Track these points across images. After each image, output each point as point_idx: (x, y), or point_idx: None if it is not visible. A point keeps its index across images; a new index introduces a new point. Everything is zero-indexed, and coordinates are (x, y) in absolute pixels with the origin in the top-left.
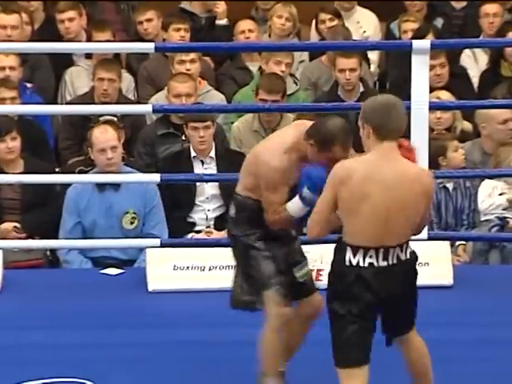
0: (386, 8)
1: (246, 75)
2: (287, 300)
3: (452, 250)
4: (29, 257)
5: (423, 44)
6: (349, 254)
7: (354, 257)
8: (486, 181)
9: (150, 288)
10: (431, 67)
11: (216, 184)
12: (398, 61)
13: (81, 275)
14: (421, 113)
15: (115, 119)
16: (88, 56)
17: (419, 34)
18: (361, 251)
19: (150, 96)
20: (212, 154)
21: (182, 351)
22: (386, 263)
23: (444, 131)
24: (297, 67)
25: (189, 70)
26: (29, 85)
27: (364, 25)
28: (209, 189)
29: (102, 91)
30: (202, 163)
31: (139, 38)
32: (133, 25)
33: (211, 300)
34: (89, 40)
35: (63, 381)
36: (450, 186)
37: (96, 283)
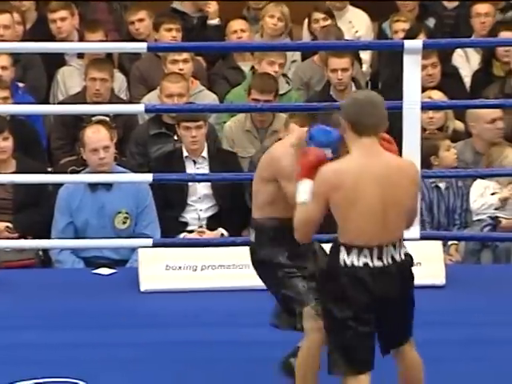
0: (378, 8)
1: (238, 75)
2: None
3: (444, 250)
4: (21, 257)
5: (415, 44)
6: (343, 254)
7: (348, 256)
8: (478, 180)
9: (143, 288)
10: (423, 67)
11: (208, 184)
12: (390, 61)
13: (73, 275)
14: (413, 112)
15: (107, 119)
16: (80, 56)
17: (411, 34)
18: (355, 250)
19: (143, 96)
20: (204, 154)
21: (175, 351)
22: (381, 263)
23: (436, 131)
24: (289, 67)
25: (182, 70)
26: (21, 84)
27: (356, 24)
28: (201, 189)
29: (95, 91)
30: (194, 163)
31: (131, 38)
32: (125, 25)
33: (203, 300)
34: (81, 40)
35: (56, 381)
36: (443, 186)
37: (88, 283)
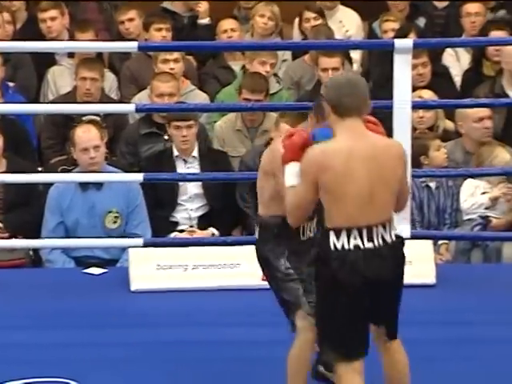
0: (369, 7)
1: (229, 74)
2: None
3: (434, 249)
4: (11, 256)
5: (405, 43)
6: (332, 238)
7: (338, 240)
8: (469, 180)
9: (133, 287)
10: (413, 66)
11: (199, 183)
12: (381, 60)
13: (63, 275)
14: (403, 112)
15: (98, 119)
16: (70, 55)
17: (401, 34)
18: (343, 232)
19: (133, 95)
20: (195, 154)
21: (166, 351)
22: (372, 245)
23: (426, 130)
24: (279, 66)
25: (172, 70)
26: (11, 84)
27: (346, 24)
28: (191, 188)
29: (85, 90)
30: (185, 162)
31: (122, 38)
32: (115, 24)
33: (194, 299)
34: (71, 39)
35: (47, 381)
36: (433, 185)
37: (79, 283)
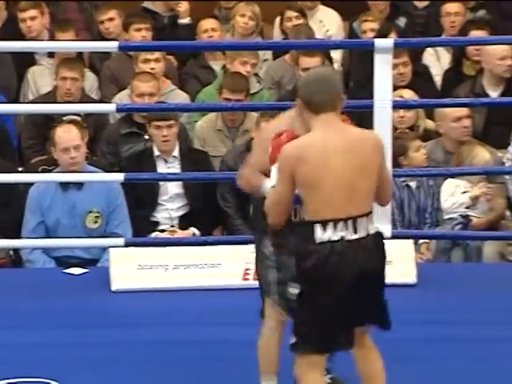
0: (349, 7)
1: (210, 74)
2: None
3: (415, 249)
4: None
5: (386, 43)
6: (318, 231)
7: (324, 232)
8: (449, 180)
9: (114, 287)
10: (394, 66)
11: (179, 183)
12: (361, 60)
13: (44, 275)
14: (384, 111)
15: (79, 119)
16: (51, 55)
17: (381, 33)
18: (330, 224)
19: (114, 95)
20: (175, 153)
21: (146, 351)
22: (357, 236)
23: (407, 130)
24: (260, 66)
25: (153, 69)
26: None
27: (327, 24)
28: (172, 188)
29: (65, 90)
30: (166, 162)
31: (102, 38)
32: (96, 24)
33: (175, 299)
34: (51, 39)
35: (28, 381)
36: (413, 185)
37: (59, 283)
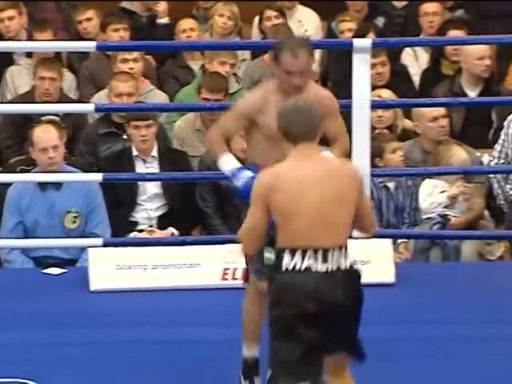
0: (328, 7)
1: (188, 74)
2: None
3: (394, 248)
4: None
5: (364, 42)
6: (286, 258)
7: (292, 259)
8: (427, 180)
9: (92, 287)
10: (372, 66)
11: (158, 183)
12: (340, 59)
13: (22, 275)
14: (362, 111)
15: (57, 119)
16: (29, 55)
17: (359, 33)
18: (298, 253)
19: (92, 95)
20: (154, 153)
21: (125, 350)
22: (326, 268)
23: (385, 130)
24: (239, 66)
25: (132, 69)
26: None
27: (305, 23)
28: (151, 188)
29: (44, 90)
30: (144, 162)
31: (81, 37)
32: (74, 24)
33: (154, 299)
34: (29, 39)
35: (5, 381)
36: (392, 186)
37: (38, 283)
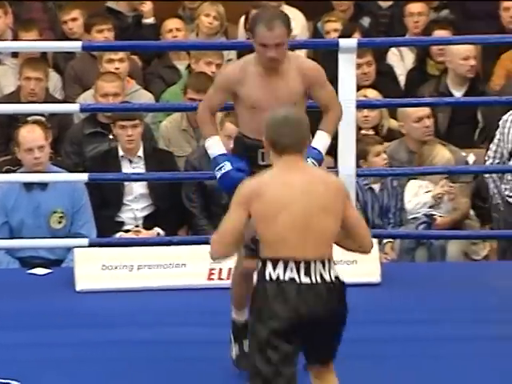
0: (313, 7)
1: (174, 74)
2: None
3: (379, 248)
4: None
5: (350, 42)
6: (269, 268)
7: (274, 270)
8: (412, 181)
9: (78, 288)
10: (358, 66)
11: (144, 183)
12: (325, 59)
13: (8, 275)
14: (348, 111)
15: (43, 119)
16: (14, 55)
17: (345, 33)
18: (280, 264)
19: (78, 95)
20: (140, 153)
21: (111, 351)
22: (309, 280)
23: (371, 130)
24: (225, 66)
25: (117, 69)
26: None
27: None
28: (137, 188)
29: (29, 90)
30: (130, 162)
31: (66, 37)
32: (60, 24)
33: (140, 299)
34: (15, 39)
35: None
36: (377, 188)
37: (23, 283)
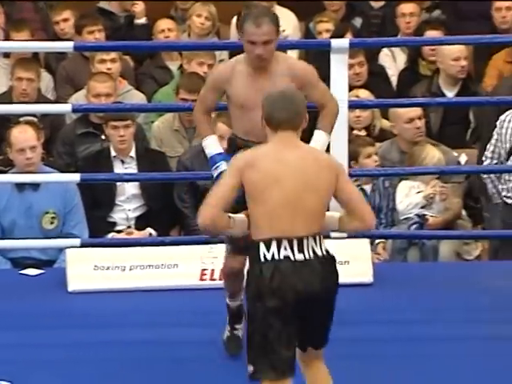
0: (305, 7)
1: (166, 74)
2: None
3: (371, 248)
4: None
5: (342, 43)
6: (263, 249)
7: (268, 250)
8: (403, 182)
9: (70, 288)
10: (350, 66)
11: (136, 184)
12: (317, 60)
13: (0, 276)
14: (340, 111)
15: (35, 120)
16: (6, 55)
17: (337, 34)
18: (274, 243)
19: (69, 96)
20: (132, 154)
21: (103, 351)
22: (303, 256)
23: (363, 130)
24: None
25: (110, 70)
26: None
27: (283, 24)
28: (129, 188)
29: (21, 91)
30: (122, 163)
31: (58, 38)
32: (51, 24)
33: (132, 300)
34: (7, 39)
35: None
36: (368, 188)
37: (15, 284)
